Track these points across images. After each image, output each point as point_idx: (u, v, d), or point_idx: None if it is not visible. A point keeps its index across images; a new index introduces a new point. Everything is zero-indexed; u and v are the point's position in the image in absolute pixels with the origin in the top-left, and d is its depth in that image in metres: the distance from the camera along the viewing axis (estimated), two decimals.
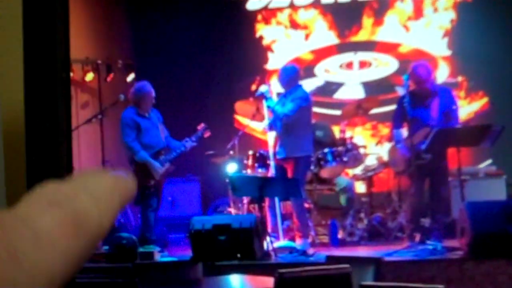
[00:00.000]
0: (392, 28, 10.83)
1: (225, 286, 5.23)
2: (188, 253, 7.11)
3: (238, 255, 6.89)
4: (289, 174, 7.74)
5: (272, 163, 7.70)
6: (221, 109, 10.43)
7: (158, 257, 7.26)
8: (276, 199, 7.72)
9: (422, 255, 6.87)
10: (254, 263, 6.77)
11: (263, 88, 7.90)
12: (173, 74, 10.68)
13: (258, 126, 9.31)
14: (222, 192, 9.42)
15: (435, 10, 10.78)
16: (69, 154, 3.82)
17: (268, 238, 7.13)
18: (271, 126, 7.81)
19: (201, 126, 8.09)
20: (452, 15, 10.69)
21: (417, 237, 7.45)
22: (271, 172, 7.91)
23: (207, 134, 8.12)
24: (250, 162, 8.79)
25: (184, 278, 5.30)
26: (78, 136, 8.77)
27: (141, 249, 7.23)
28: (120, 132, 8.01)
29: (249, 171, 8.76)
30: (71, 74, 9.27)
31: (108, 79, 9.91)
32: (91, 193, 0.75)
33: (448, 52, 10.61)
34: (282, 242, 7.60)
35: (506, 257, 6.40)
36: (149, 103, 7.94)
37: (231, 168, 9.07)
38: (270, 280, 4.22)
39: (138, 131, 7.88)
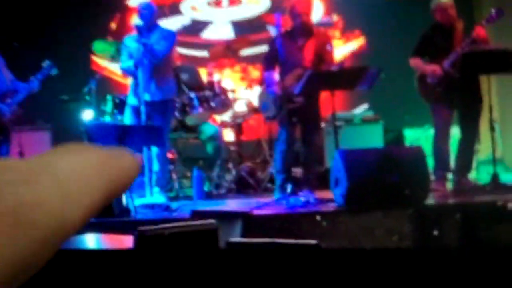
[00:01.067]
0: None
1: (80, 245, 4.93)
2: None
3: None
4: (154, 120, 7.41)
5: (142, 108, 7.29)
6: (77, 49, 9.97)
7: None
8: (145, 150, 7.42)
9: (294, 208, 6.68)
10: (112, 221, 6.41)
11: (139, 22, 7.51)
12: (21, 8, 10.09)
13: (117, 69, 8.91)
14: (76, 141, 9.04)
15: None
16: None
17: (128, 193, 6.83)
18: (137, 66, 7.39)
19: (45, 63, 7.66)
20: None
21: (288, 188, 7.28)
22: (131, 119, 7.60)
23: (53, 72, 7.69)
24: (108, 108, 8.47)
25: None
26: None
27: None
28: None
29: (107, 118, 8.46)
30: None
31: None
32: (58, 174, 0.57)
33: None
34: (146, 198, 7.32)
35: (383, 209, 6.31)
36: None
37: (87, 115, 8.74)
38: (129, 239, 4.02)
39: None
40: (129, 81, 8.05)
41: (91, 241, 5.11)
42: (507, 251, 3.06)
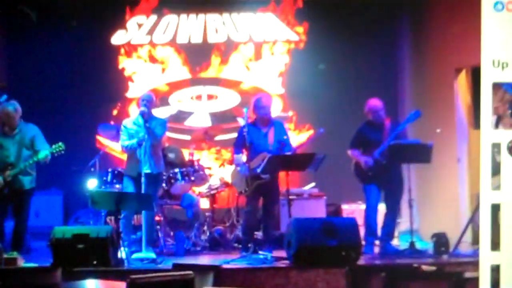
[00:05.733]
0: (235, 67, 10.87)
1: None
2: (49, 260, 6.79)
3: (94, 262, 6.65)
4: (144, 189, 7.46)
5: (143, 179, 7.31)
6: (85, 129, 10.02)
7: (21, 263, 6.86)
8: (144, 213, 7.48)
9: (255, 264, 6.85)
10: (109, 270, 6.50)
11: (144, 109, 7.51)
12: (43, 96, 10.23)
13: (117, 147, 9.03)
14: (82, 205, 9.11)
15: (272, 54, 10.92)
16: None
17: (122, 248, 6.91)
18: (140, 145, 7.48)
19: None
20: (286, 59, 10.87)
21: (251, 248, 7.45)
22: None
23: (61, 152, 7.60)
24: (109, 178, 8.57)
25: (44, 282, 5.06)
26: None
27: (5, 255, 6.83)
28: None
29: (108, 187, 8.54)
30: None
31: None
32: None
33: (281, 90, 10.78)
34: (143, 253, 7.31)
35: (324, 267, 6.49)
36: (11, 121, 7.58)
37: (92, 183, 8.80)
38: (122, 285, 4.11)
39: None
40: (125, 157, 8.09)
41: (91, 285, 5.19)
42: None
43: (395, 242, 8.10)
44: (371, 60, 10.38)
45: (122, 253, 6.82)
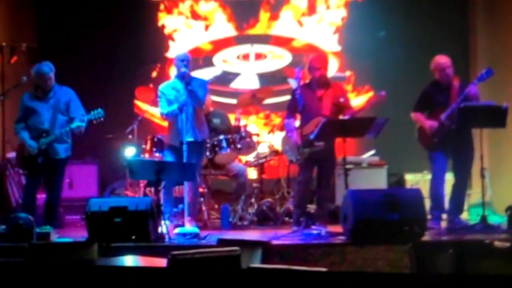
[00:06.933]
0: (286, 23, 10.76)
1: (121, 264, 5.05)
2: (84, 235, 6.88)
3: (133, 237, 6.69)
4: (186, 158, 7.47)
5: (184, 147, 7.29)
6: (122, 93, 10.09)
7: (54, 237, 6.98)
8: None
9: (307, 239, 6.81)
10: (148, 245, 6.56)
11: (185, 70, 7.46)
12: (76, 58, 10.31)
13: (156, 112, 9.04)
14: (119, 175, 9.20)
15: (327, 7, 10.78)
16: None
17: (163, 222, 6.94)
18: (181, 110, 7.44)
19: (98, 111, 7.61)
20: (343, 13, 10.73)
21: (303, 222, 7.42)
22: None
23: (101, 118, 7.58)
24: (148, 146, 8.61)
25: (79, 259, 5.11)
26: None
27: (37, 230, 6.95)
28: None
29: (146, 155, 8.59)
30: None
31: (12, 61, 9.47)
32: None
33: (337, 48, 10.66)
34: (185, 228, 7.34)
35: (385, 243, 6.43)
36: (46, 83, 7.56)
37: (130, 152, 8.85)
38: (163, 261, 4.13)
39: (28, 114, 7.61)
40: (166, 123, 8.09)
41: (130, 262, 5.23)
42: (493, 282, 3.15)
43: (464, 215, 8.01)
44: (438, 13, 10.22)
45: (162, 228, 6.85)
